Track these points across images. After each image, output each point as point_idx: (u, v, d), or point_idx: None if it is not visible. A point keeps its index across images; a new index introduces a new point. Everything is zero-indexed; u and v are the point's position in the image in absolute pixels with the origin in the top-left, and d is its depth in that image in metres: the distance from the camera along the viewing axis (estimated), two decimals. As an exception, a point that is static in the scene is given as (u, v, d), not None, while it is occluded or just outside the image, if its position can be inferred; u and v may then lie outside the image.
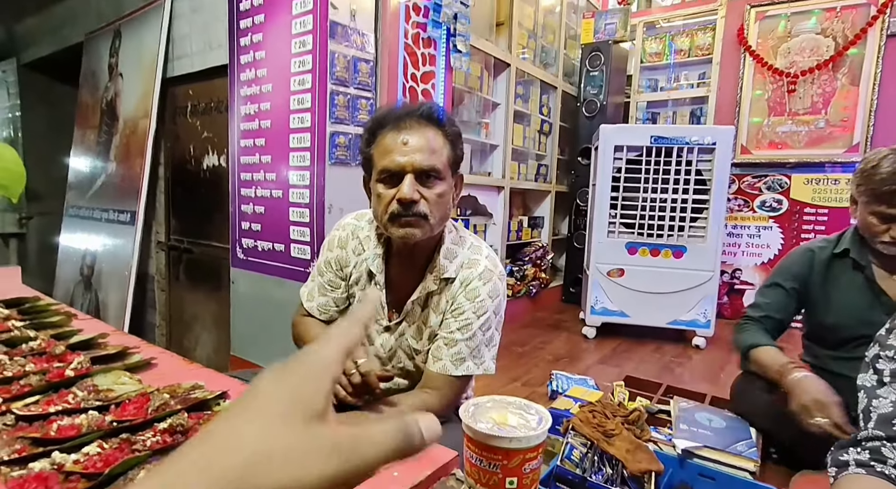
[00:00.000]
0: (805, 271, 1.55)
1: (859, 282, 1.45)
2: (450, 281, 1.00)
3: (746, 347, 1.53)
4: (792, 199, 3.49)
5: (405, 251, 1.02)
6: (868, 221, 1.38)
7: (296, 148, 2.11)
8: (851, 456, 0.60)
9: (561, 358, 2.72)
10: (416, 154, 0.89)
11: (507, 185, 3.42)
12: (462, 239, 1.05)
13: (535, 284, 3.65)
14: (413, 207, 0.90)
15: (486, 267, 1.01)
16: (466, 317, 0.98)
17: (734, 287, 3.69)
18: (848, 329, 1.46)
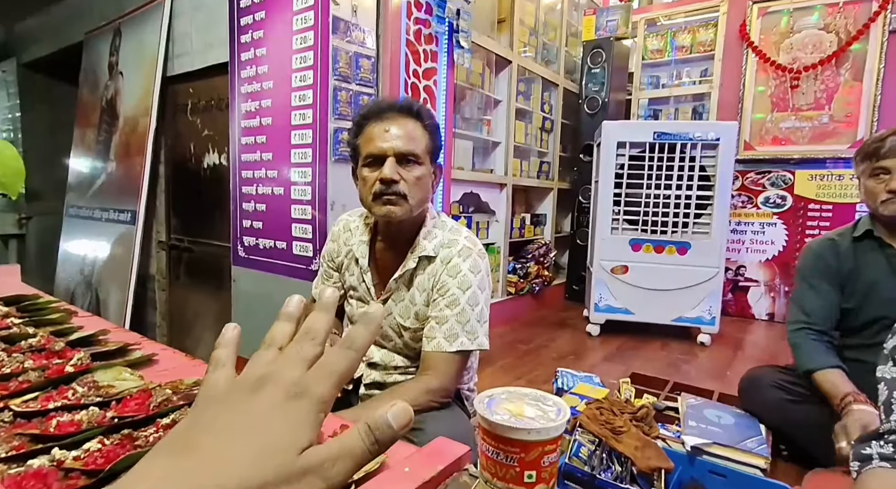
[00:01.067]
0: (831, 260, 1.53)
1: (883, 262, 1.46)
2: (430, 259, 1.08)
3: (809, 370, 1.48)
4: (796, 196, 3.47)
5: (389, 235, 1.12)
6: (868, 187, 1.43)
7: (298, 145, 2.09)
8: (874, 449, 0.58)
9: (566, 355, 2.70)
10: (397, 140, 1.00)
11: (509, 183, 3.40)
12: (443, 223, 1.14)
13: (538, 282, 3.63)
14: (393, 186, 1.00)
15: (464, 245, 1.08)
16: (452, 293, 1.05)
17: (738, 284, 3.66)
18: (872, 311, 1.46)
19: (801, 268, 1.62)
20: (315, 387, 0.27)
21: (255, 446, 0.24)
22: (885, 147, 1.36)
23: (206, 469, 0.23)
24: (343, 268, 1.20)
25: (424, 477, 0.51)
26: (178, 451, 0.24)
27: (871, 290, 1.46)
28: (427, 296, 1.08)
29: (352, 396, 1.18)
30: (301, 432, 0.25)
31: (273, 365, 0.28)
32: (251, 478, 0.23)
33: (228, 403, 0.26)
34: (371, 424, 0.27)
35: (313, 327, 0.30)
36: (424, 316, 1.08)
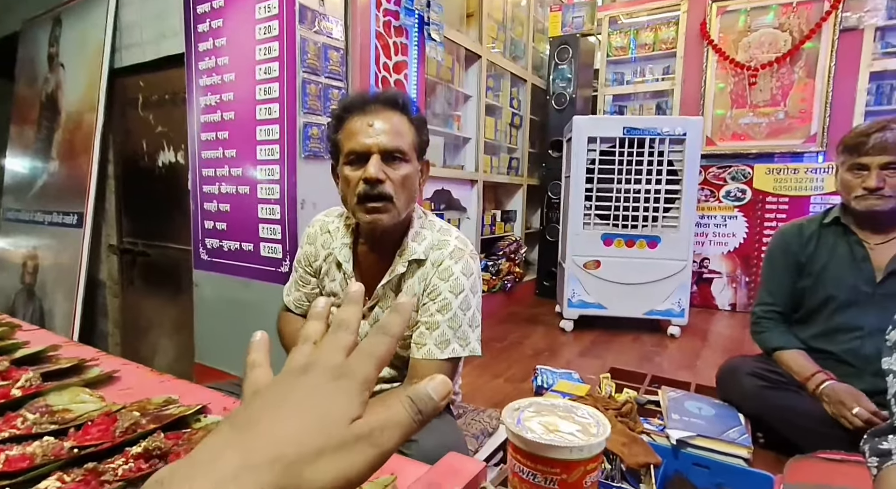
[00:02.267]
0: (794, 245, 1.60)
1: (844, 247, 1.51)
2: (420, 263, 1.01)
3: (771, 349, 1.59)
4: (755, 189, 3.60)
5: (374, 237, 1.04)
6: (845, 179, 1.46)
7: (264, 141, 1.99)
8: (892, 444, 0.57)
9: (541, 352, 2.69)
10: (381, 136, 0.93)
11: (480, 179, 3.37)
12: (431, 223, 1.07)
13: (509, 279, 3.63)
14: (378, 187, 0.92)
15: (455, 246, 1.02)
16: (444, 297, 0.98)
17: (703, 276, 3.78)
18: (824, 290, 1.53)
19: (768, 251, 1.70)
20: (357, 369, 0.28)
21: (310, 417, 0.25)
22: (868, 144, 1.38)
23: (267, 440, 0.24)
24: (322, 274, 1.12)
25: (440, 499, 0.46)
26: (239, 427, 0.25)
27: (824, 271, 1.53)
28: (417, 302, 1.02)
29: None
30: (350, 405, 0.27)
31: (313, 355, 0.29)
32: (308, 444, 0.24)
33: (277, 388, 0.28)
34: (413, 397, 0.28)
35: (345, 319, 0.31)
36: (414, 322, 1.01)
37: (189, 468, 0.23)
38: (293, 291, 1.17)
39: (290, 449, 0.24)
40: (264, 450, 0.24)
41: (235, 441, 0.25)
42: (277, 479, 0.23)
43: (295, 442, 0.24)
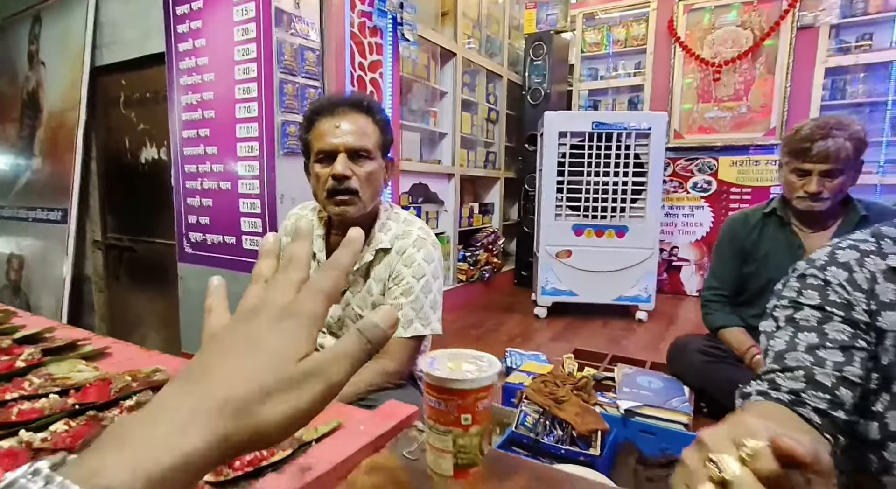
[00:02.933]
0: (741, 233, 1.74)
1: (781, 237, 1.65)
2: (386, 251, 1.12)
3: (716, 329, 1.74)
4: (720, 180, 3.76)
5: (344, 229, 1.13)
6: (788, 179, 1.56)
7: (244, 138, 2.08)
8: (753, 387, 0.69)
9: (515, 337, 2.83)
10: (347, 136, 1.02)
11: (457, 173, 3.48)
12: (397, 214, 1.17)
13: (487, 269, 3.75)
14: (345, 182, 1.02)
15: (418, 236, 1.13)
16: (407, 282, 1.09)
17: (672, 264, 3.94)
18: (764, 277, 1.67)
19: (718, 239, 1.84)
20: (305, 306, 0.29)
21: (257, 360, 0.27)
22: (812, 151, 1.46)
23: (217, 386, 0.25)
24: None
25: (377, 432, 0.58)
26: (190, 378, 0.26)
27: (766, 258, 1.67)
28: (383, 286, 1.12)
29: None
30: (297, 343, 0.28)
31: (263, 295, 0.31)
32: (258, 384, 0.26)
33: (228, 333, 0.29)
34: (360, 328, 0.30)
35: (295, 254, 0.32)
36: (380, 305, 1.13)
37: (147, 416, 0.24)
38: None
39: (240, 390, 0.25)
40: (216, 393, 0.25)
41: (189, 387, 0.26)
42: (230, 420, 0.24)
43: (245, 383, 0.26)
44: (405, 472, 0.53)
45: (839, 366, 0.62)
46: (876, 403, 0.64)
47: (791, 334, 0.69)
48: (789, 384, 0.64)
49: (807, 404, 0.61)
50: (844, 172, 1.46)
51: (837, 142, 1.43)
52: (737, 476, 0.33)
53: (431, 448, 0.53)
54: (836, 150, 1.43)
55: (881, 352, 0.64)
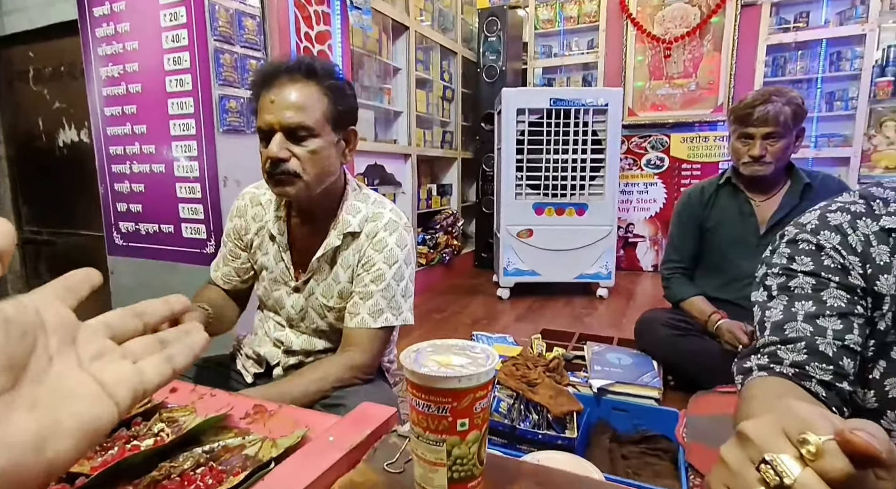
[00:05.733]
0: (697, 205, 1.77)
1: (734, 204, 1.70)
2: (355, 235, 1.01)
3: (678, 301, 1.77)
4: (672, 157, 3.84)
5: (306, 210, 1.03)
6: (735, 147, 1.62)
7: (177, 115, 1.87)
8: (753, 362, 0.65)
9: (479, 320, 2.78)
10: (282, 112, 0.90)
11: (413, 153, 3.36)
12: (366, 196, 1.06)
13: (447, 252, 3.68)
14: (282, 165, 0.91)
15: (390, 218, 1.02)
16: (378, 268, 0.99)
17: (628, 240, 4.01)
18: (728, 249, 1.70)
19: (675, 212, 1.87)
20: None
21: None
22: (753, 115, 1.52)
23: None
24: (254, 248, 1.09)
25: (351, 443, 0.48)
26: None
27: (720, 227, 1.72)
28: (351, 273, 1.02)
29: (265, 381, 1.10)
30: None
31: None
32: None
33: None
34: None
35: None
36: (348, 293, 1.02)
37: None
38: (221, 266, 1.13)
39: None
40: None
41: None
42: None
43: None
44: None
45: (840, 334, 0.59)
46: (873, 371, 0.61)
47: (786, 303, 0.65)
48: (792, 357, 0.61)
49: (812, 377, 0.58)
50: (785, 136, 1.54)
51: (776, 106, 1.50)
52: (799, 478, 0.27)
53: (421, 460, 0.44)
54: (776, 114, 1.50)
55: (878, 318, 0.60)
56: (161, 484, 0.43)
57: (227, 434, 0.54)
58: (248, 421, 0.57)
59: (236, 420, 0.57)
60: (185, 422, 0.55)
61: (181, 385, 0.66)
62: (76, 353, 0.27)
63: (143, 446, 0.49)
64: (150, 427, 0.53)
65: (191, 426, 0.52)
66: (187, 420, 0.55)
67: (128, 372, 0.28)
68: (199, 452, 0.49)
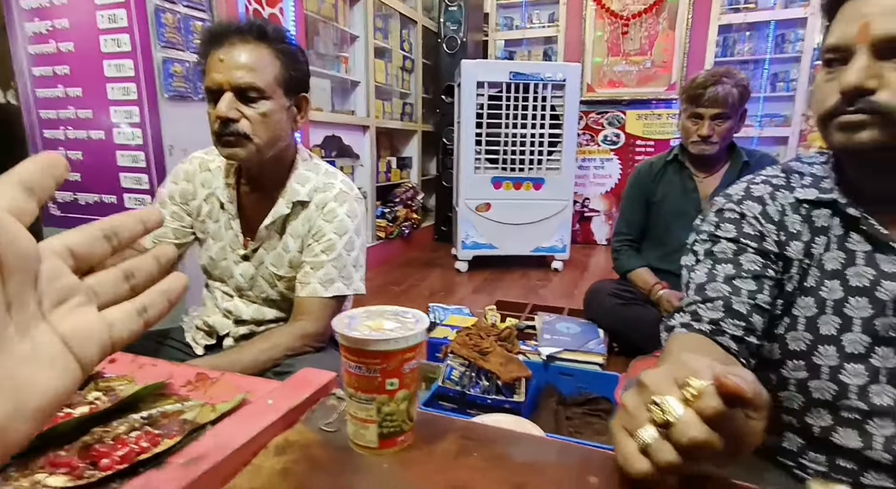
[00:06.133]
0: (646, 180, 1.85)
1: (679, 180, 1.78)
2: (304, 205, 1.01)
3: (624, 271, 1.87)
4: (627, 133, 3.93)
5: (255, 177, 1.02)
6: (685, 125, 1.68)
7: (115, 78, 1.77)
8: (677, 320, 0.71)
9: (437, 292, 2.82)
10: (232, 71, 0.88)
11: (372, 125, 3.30)
12: (316, 165, 1.06)
13: (407, 225, 3.68)
14: (231, 126, 0.89)
15: (341, 189, 1.03)
16: (329, 238, 1.00)
17: (584, 215, 4.12)
18: (672, 222, 1.79)
19: (626, 187, 1.95)
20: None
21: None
22: (704, 96, 1.58)
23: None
24: (203, 215, 1.07)
25: (289, 405, 0.50)
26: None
27: (665, 202, 1.81)
28: (301, 243, 1.02)
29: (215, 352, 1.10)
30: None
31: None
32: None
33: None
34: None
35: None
36: (299, 263, 1.02)
37: None
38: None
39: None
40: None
41: None
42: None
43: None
44: (322, 448, 0.46)
45: (752, 294, 0.65)
46: (778, 326, 0.67)
47: (710, 266, 0.71)
48: (710, 314, 0.66)
49: (725, 332, 0.64)
50: (731, 117, 1.61)
51: (726, 88, 1.56)
52: (680, 417, 0.32)
53: (353, 418, 0.46)
54: (725, 96, 1.56)
55: (786, 280, 0.66)
56: (93, 447, 0.43)
57: (166, 401, 0.54)
58: (189, 389, 0.57)
59: (177, 388, 0.57)
60: (123, 390, 0.55)
61: (121, 356, 0.65)
62: (37, 296, 0.21)
63: (77, 413, 0.49)
64: (85, 395, 0.53)
65: (128, 393, 0.52)
66: (125, 389, 0.55)
67: (96, 324, 0.23)
68: (135, 418, 0.50)
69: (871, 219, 0.57)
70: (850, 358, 0.56)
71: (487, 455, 0.46)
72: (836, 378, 0.57)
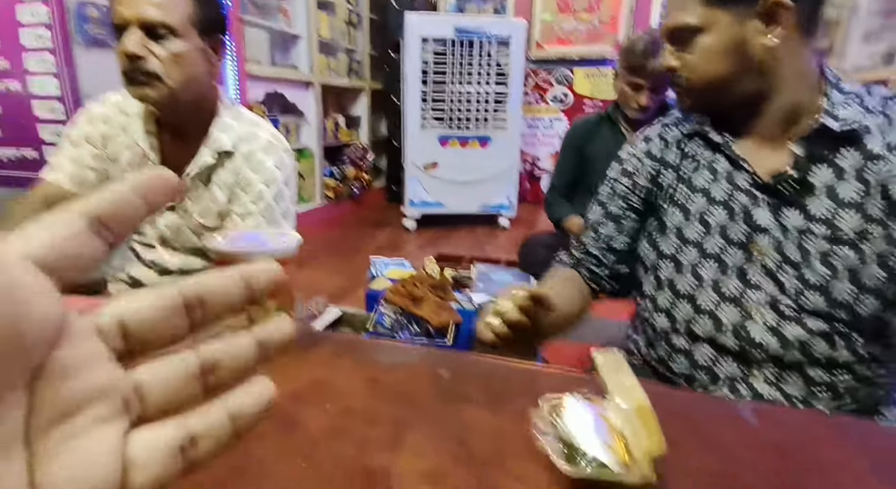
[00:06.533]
0: (581, 136, 1.91)
1: (611, 138, 1.85)
2: (230, 155, 1.00)
3: (557, 220, 1.95)
4: (576, 93, 3.99)
5: (176, 125, 0.99)
6: (623, 89, 1.72)
7: (28, 23, 1.66)
8: (562, 256, 0.80)
9: (384, 249, 2.87)
10: (140, 5, 0.84)
11: (316, 81, 3.21)
12: (239, 113, 1.04)
13: (357, 185, 3.67)
14: (139, 64, 0.86)
15: (268, 140, 1.02)
16: (257, 188, 1.00)
17: (534, 174, 4.21)
18: (600, 176, 1.85)
19: (563, 142, 2.00)
20: None
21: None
22: (647, 68, 1.60)
23: None
24: (123, 162, 1.03)
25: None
26: None
27: (596, 155, 1.88)
28: (229, 193, 1.01)
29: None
30: None
31: None
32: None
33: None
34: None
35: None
36: (227, 213, 1.02)
37: None
38: (69, 167, 1.01)
39: None
40: None
41: None
42: None
43: None
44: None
45: (608, 238, 0.79)
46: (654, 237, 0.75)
47: (596, 208, 0.80)
48: (577, 253, 0.82)
49: (584, 267, 0.80)
50: (667, 85, 1.64)
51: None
52: (504, 306, 0.52)
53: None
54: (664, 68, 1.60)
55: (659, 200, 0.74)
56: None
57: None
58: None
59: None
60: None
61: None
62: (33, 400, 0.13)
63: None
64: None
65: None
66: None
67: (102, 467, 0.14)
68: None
69: (731, 143, 0.65)
70: (708, 256, 0.65)
71: (354, 358, 0.52)
72: (696, 272, 0.66)
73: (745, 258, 0.63)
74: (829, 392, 0.60)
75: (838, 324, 0.58)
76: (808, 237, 0.59)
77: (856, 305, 0.56)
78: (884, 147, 0.56)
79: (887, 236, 0.55)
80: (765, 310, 0.61)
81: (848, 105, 0.58)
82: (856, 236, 0.56)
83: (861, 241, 0.56)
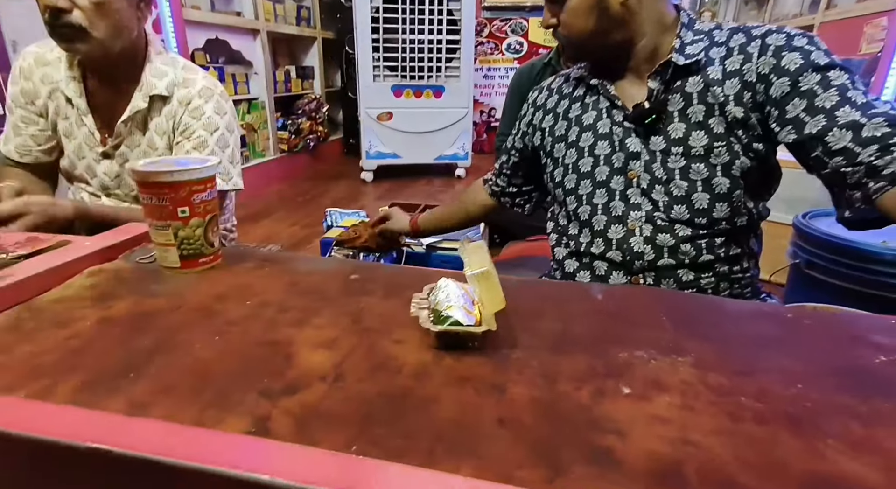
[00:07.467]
0: (526, 81, 1.92)
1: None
2: (165, 100, 1.00)
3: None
4: (530, 42, 3.97)
5: (104, 71, 0.97)
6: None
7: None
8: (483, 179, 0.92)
9: (340, 200, 2.89)
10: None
11: (262, 29, 3.09)
12: (173, 59, 1.02)
13: (312, 138, 3.62)
14: (63, 17, 0.83)
15: (204, 85, 1.01)
16: (199, 135, 1.00)
17: (490, 125, 4.23)
18: None
19: (508, 87, 2.03)
20: None
21: None
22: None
23: None
24: (52, 113, 1.02)
25: (103, 245, 0.58)
26: None
27: None
28: (168, 139, 1.01)
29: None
30: None
31: None
32: None
33: None
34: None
35: None
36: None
37: None
38: (13, 137, 1.04)
39: None
40: None
41: None
42: None
43: None
44: (133, 272, 0.56)
45: (501, 164, 0.95)
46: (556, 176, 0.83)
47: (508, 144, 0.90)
48: (489, 174, 0.98)
49: (488, 185, 0.99)
50: None
51: None
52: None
53: (156, 245, 0.56)
54: None
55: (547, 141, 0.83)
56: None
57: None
58: (17, 246, 0.63)
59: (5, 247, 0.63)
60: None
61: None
62: None
63: None
64: None
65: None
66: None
67: None
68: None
69: (608, 85, 0.72)
70: (598, 185, 0.75)
71: (277, 269, 0.58)
72: (591, 201, 0.76)
73: (625, 182, 0.72)
74: (695, 290, 0.71)
75: (700, 230, 0.68)
76: (670, 157, 0.68)
77: (712, 211, 0.67)
78: (721, 73, 0.65)
79: (728, 148, 0.65)
80: (644, 225, 0.71)
81: (697, 42, 0.67)
82: (705, 151, 0.66)
83: (709, 155, 0.65)
